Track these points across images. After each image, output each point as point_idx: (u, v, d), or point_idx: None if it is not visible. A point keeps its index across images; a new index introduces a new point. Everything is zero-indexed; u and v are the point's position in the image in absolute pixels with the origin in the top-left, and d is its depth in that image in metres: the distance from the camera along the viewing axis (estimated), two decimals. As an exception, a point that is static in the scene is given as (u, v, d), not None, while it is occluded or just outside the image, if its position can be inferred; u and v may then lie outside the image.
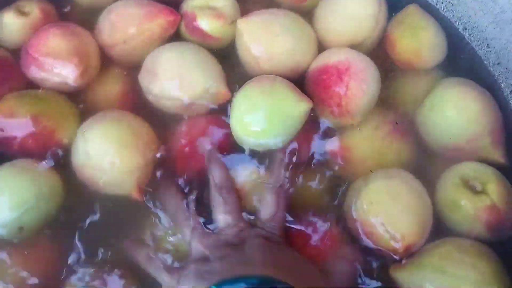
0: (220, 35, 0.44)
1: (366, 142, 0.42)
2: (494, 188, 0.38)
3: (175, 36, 0.45)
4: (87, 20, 0.46)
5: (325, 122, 0.43)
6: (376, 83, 0.42)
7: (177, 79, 0.41)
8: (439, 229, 0.39)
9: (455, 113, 0.40)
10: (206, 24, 0.44)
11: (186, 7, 0.45)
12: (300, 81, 0.43)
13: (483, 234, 0.38)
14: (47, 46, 0.42)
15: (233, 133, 0.41)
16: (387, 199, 0.38)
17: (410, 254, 0.37)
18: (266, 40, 0.42)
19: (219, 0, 0.45)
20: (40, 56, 0.42)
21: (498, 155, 0.41)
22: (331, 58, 0.42)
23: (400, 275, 0.37)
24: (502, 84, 0.45)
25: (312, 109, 0.40)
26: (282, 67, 0.43)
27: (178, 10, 0.46)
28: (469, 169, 0.40)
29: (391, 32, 0.46)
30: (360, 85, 0.40)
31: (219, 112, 0.43)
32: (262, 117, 0.38)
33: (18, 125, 0.40)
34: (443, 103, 0.41)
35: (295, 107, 0.39)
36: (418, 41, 0.45)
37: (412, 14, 0.46)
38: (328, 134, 0.43)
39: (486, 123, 0.40)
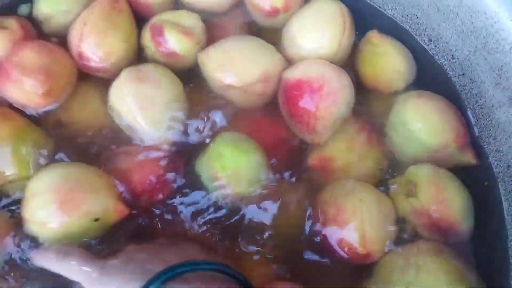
0: (186, 54, 0.43)
1: (346, 151, 0.42)
2: (424, 190, 0.39)
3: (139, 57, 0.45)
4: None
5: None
6: (347, 105, 0.42)
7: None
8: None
9: (415, 129, 0.41)
10: (174, 39, 0.43)
11: (155, 19, 0.45)
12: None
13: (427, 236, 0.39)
14: (19, 57, 0.41)
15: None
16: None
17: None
18: (229, 67, 0.42)
19: (189, 19, 0.44)
20: (10, 66, 0.40)
21: (468, 158, 0.42)
22: (306, 71, 0.42)
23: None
24: (468, 95, 0.46)
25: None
26: (251, 88, 0.42)
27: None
28: (408, 173, 0.41)
29: (356, 55, 0.47)
30: (330, 107, 0.40)
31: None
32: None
33: None
34: (404, 120, 0.42)
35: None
36: (377, 69, 0.45)
37: (371, 42, 0.46)
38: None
39: (449, 132, 0.41)
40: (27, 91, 0.41)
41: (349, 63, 0.47)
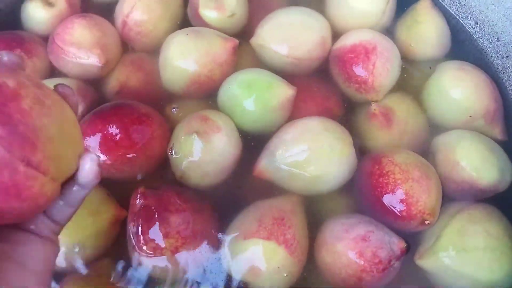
0: (218, 26, 0.47)
1: (403, 104, 0.44)
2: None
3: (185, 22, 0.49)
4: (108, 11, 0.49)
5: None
6: (398, 63, 0.45)
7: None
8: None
9: (447, 99, 0.44)
10: (205, 14, 0.46)
11: None
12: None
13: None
14: (72, 36, 0.44)
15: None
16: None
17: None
18: (287, 40, 0.45)
19: None
20: (65, 45, 0.43)
21: (496, 133, 0.44)
22: (358, 37, 0.45)
23: (426, 262, 0.37)
24: (510, 76, 0.47)
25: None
26: (306, 55, 0.45)
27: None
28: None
29: (397, 21, 0.50)
30: (385, 64, 0.43)
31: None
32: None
33: None
34: (438, 88, 0.44)
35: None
36: (410, 35, 0.48)
37: (418, 9, 0.49)
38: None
39: (479, 107, 0.43)
40: (87, 66, 0.44)
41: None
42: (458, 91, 0.43)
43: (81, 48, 0.43)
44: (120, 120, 0.38)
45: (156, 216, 0.36)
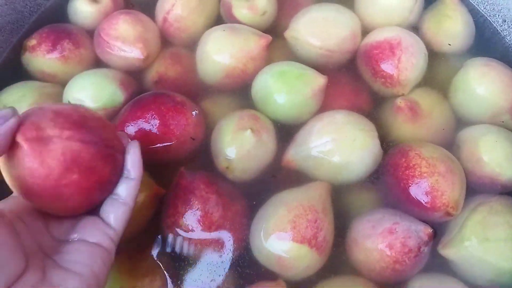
0: (251, 24, 0.50)
1: (429, 98, 0.46)
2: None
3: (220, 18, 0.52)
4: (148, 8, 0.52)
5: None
6: (424, 57, 0.46)
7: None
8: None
9: (473, 94, 0.45)
10: (239, 13, 0.50)
11: None
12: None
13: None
14: (117, 31, 0.47)
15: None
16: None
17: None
18: (320, 33, 0.47)
19: None
20: (111, 39, 0.47)
21: None
22: (382, 34, 0.47)
23: (449, 252, 0.38)
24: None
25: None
26: (338, 47, 0.48)
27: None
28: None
29: (424, 15, 0.51)
30: (410, 58, 0.45)
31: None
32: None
33: None
34: (464, 84, 0.45)
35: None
36: (439, 27, 0.49)
37: (446, 3, 0.50)
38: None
39: (504, 102, 0.44)
40: (130, 59, 0.47)
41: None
42: (484, 86, 0.44)
43: (125, 42, 0.47)
44: (157, 107, 0.41)
45: (189, 197, 0.39)
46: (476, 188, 0.42)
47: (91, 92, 0.44)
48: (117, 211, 0.31)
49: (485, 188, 0.42)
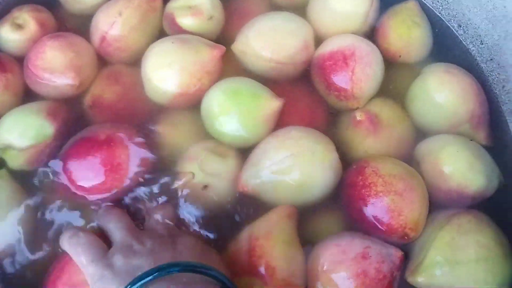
0: (199, 31, 0.46)
1: (388, 109, 0.43)
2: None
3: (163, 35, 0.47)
4: (83, 24, 0.47)
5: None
6: (380, 67, 0.44)
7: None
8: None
9: (432, 103, 0.42)
10: (184, 21, 0.45)
11: (167, 9, 0.47)
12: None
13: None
14: (44, 61, 0.42)
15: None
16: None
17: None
18: (270, 45, 0.44)
19: None
20: (38, 71, 0.42)
21: (481, 138, 0.43)
22: (336, 43, 0.44)
23: (418, 279, 0.35)
24: (495, 80, 0.46)
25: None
26: (290, 59, 0.44)
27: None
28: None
29: (387, 21, 0.48)
30: (365, 69, 0.42)
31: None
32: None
33: None
34: (423, 92, 0.43)
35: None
36: (410, 35, 0.46)
37: (410, 9, 0.48)
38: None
39: (465, 111, 0.42)
40: (61, 87, 0.43)
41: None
42: (444, 95, 0.42)
43: (54, 72, 0.42)
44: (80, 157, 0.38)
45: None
46: (444, 204, 0.39)
47: (17, 131, 0.40)
48: None
49: (453, 202, 0.39)
